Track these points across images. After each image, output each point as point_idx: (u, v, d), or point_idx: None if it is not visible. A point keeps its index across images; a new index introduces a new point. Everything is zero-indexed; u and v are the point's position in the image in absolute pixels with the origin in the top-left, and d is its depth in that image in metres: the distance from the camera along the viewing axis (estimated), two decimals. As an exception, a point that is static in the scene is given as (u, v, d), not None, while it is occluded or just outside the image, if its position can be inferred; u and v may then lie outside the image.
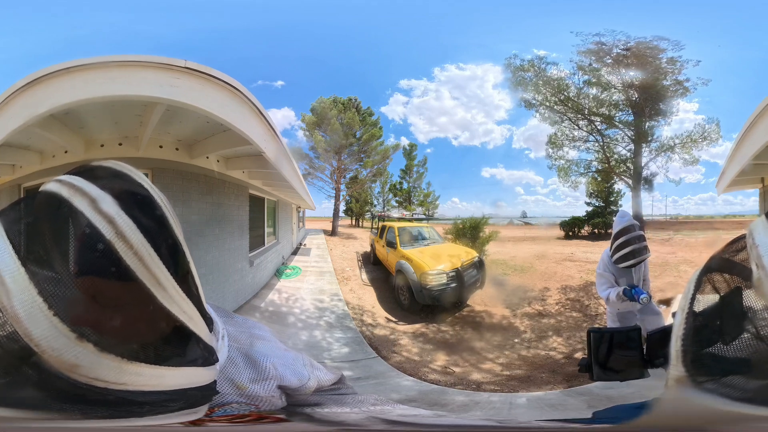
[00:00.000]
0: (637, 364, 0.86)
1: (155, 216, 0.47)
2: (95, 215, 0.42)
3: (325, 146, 10.17)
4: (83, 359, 0.40)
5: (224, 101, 3.53)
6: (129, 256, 0.42)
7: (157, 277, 0.43)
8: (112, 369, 0.42)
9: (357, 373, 4.18)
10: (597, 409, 0.88)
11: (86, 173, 0.47)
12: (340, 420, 0.66)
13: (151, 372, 0.45)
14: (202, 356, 0.52)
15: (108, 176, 0.47)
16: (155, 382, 0.45)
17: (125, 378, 0.42)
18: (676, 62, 8.40)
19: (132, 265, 0.42)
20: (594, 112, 9.51)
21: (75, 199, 0.43)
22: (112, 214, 0.42)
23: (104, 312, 0.42)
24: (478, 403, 3.65)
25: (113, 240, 0.41)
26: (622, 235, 2.70)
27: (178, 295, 0.46)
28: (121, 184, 0.47)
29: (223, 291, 5.07)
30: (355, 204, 12.58)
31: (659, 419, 0.60)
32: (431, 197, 12.22)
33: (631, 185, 9.89)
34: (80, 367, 0.40)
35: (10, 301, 0.39)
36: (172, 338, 0.47)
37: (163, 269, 0.44)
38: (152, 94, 3.11)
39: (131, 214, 0.43)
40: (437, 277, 5.95)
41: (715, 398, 0.49)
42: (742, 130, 4.86)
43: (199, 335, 0.51)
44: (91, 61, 3.05)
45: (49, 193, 0.44)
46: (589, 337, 0.89)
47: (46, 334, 0.39)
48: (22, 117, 3.06)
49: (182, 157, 4.57)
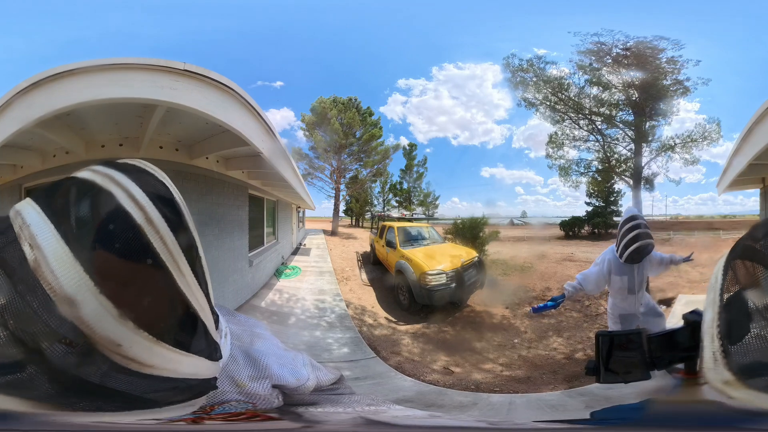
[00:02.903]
0: (640, 366, 0.88)
1: (176, 212, 0.50)
2: (129, 201, 0.45)
3: (325, 146, 10.18)
4: (124, 338, 0.42)
5: (223, 103, 3.55)
6: (157, 241, 0.45)
7: (179, 264, 0.46)
8: (144, 349, 0.44)
9: (356, 373, 4.19)
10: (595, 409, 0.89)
11: (116, 166, 0.49)
12: (328, 419, 0.67)
13: (171, 356, 0.47)
14: (208, 349, 0.53)
15: (134, 171, 0.50)
16: (173, 366, 0.47)
17: (154, 359, 0.45)
18: (676, 62, 8.39)
19: (159, 250, 0.45)
20: (594, 111, 9.51)
21: (110, 186, 0.46)
22: (143, 203, 0.45)
23: (135, 292, 0.44)
24: (477, 403, 3.65)
25: (144, 225, 0.44)
26: (629, 222, 2.76)
27: (194, 285, 0.49)
28: (147, 180, 0.49)
29: (222, 291, 5.08)
30: (355, 204, 12.59)
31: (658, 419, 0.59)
32: (431, 197, 12.23)
33: (631, 185, 9.88)
34: (122, 347, 0.42)
35: (57, 281, 0.40)
36: (187, 325, 0.50)
37: (183, 259, 0.47)
38: (152, 96, 3.13)
39: (157, 206, 0.46)
40: (437, 277, 5.94)
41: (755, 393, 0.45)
42: (744, 130, 4.84)
43: (208, 328, 0.53)
44: (92, 63, 3.06)
45: (84, 179, 0.47)
46: (597, 341, 0.90)
47: (96, 312, 0.40)
48: (25, 118, 3.08)
49: (182, 157, 4.58)
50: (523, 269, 8.03)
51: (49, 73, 3.04)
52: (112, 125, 3.97)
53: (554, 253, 8.85)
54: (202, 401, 0.55)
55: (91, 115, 3.62)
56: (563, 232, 10.63)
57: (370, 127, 10.51)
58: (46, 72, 3.05)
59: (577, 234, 10.57)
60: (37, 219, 0.43)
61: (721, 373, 0.47)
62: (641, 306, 2.99)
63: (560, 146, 10.00)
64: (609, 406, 0.75)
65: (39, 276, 0.40)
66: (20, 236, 0.43)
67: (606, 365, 0.88)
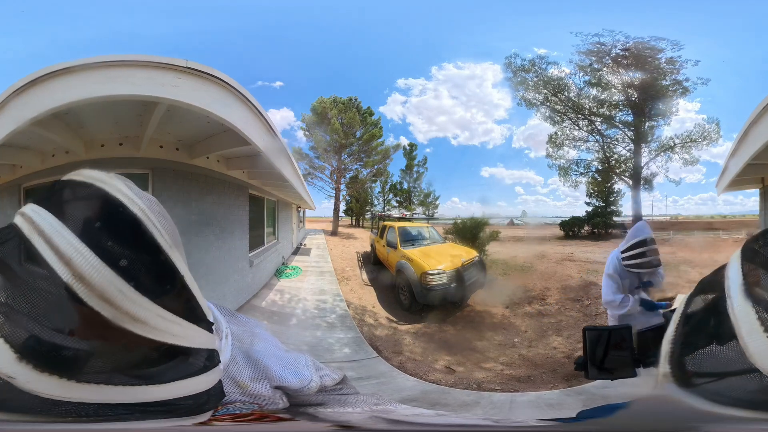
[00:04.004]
0: (628, 362, 0.86)
1: (132, 234, 0.45)
2: (51, 255, 0.40)
3: (325, 146, 10.17)
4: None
5: (225, 101, 3.54)
6: (93, 300, 0.40)
7: (132, 314, 0.41)
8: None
9: (359, 373, 4.19)
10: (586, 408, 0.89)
11: (49, 198, 0.46)
12: (344, 419, 0.66)
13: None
14: (199, 365, 0.51)
15: (72, 197, 0.46)
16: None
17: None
18: (675, 62, 8.40)
19: (99, 308, 0.40)
20: (594, 112, 9.52)
21: (33, 238, 0.42)
22: (68, 254, 0.40)
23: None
24: (479, 402, 3.65)
25: (73, 285, 0.39)
26: (639, 246, 2.76)
27: (165, 322, 0.44)
28: (86, 205, 0.45)
29: (222, 291, 5.07)
30: (355, 204, 12.58)
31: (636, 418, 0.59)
32: (431, 197, 12.22)
33: (631, 185, 9.89)
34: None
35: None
36: (161, 360, 0.47)
37: (142, 301, 0.42)
38: (154, 93, 3.11)
39: (95, 242, 0.41)
40: (437, 276, 5.94)
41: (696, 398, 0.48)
42: (743, 130, 4.85)
43: (194, 348, 0.50)
44: (92, 60, 3.04)
45: (11, 228, 0.44)
46: (584, 336, 0.88)
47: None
48: (23, 117, 3.05)
49: (182, 157, 4.57)
50: (523, 269, 8.03)
51: (46, 71, 3.01)
52: (112, 124, 3.95)
53: (554, 253, 8.85)
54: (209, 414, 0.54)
55: (90, 114, 3.60)
56: (563, 232, 10.64)
57: (370, 127, 10.51)
58: (44, 70, 3.02)
59: (577, 234, 10.58)
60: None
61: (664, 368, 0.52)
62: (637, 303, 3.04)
63: (560, 146, 10.01)
64: (596, 406, 0.75)
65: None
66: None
67: (593, 361, 0.86)
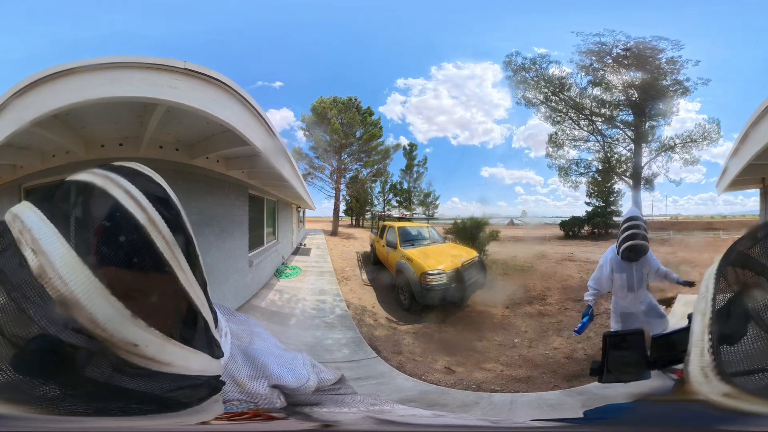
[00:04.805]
0: (641, 366, 0.87)
1: (173, 212, 0.51)
2: (131, 202, 0.45)
3: (325, 146, 10.17)
4: (140, 338, 0.42)
5: (223, 102, 3.54)
6: (159, 240, 0.46)
7: (180, 263, 0.48)
8: (158, 347, 0.44)
9: (358, 374, 4.19)
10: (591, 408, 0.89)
11: (113, 168, 0.50)
12: (338, 419, 0.66)
13: (182, 353, 0.47)
14: (211, 346, 0.54)
15: (131, 173, 0.50)
16: (185, 363, 0.47)
17: (168, 357, 0.45)
18: (675, 62, 8.40)
19: (162, 249, 0.46)
20: (595, 112, 9.51)
21: (110, 188, 0.46)
22: (144, 204, 0.46)
23: (143, 292, 0.45)
24: (479, 403, 3.65)
25: (147, 226, 0.45)
26: (628, 221, 2.94)
27: (194, 284, 0.50)
28: (144, 181, 0.50)
29: (222, 291, 5.07)
30: (355, 204, 12.58)
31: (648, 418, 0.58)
32: (431, 197, 12.22)
33: (631, 185, 9.89)
34: (138, 347, 0.42)
35: (66, 286, 0.39)
36: (190, 321, 0.51)
37: (183, 258, 0.48)
38: (153, 95, 3.11)
39: (156, 206, 0.48)
40: (437, 277, 5.94)
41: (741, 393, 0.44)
42: (743, 130, 4.84)
43: (209, 325, 0.54)
44: (92, 62, 3.04)
45: (84, 182, 0.47)
46: (604, 342, 0.90)
47: (108, 314, 0.40)
48: (24, 118, 3.05)
49: (182, 157, 4.57)
50: (523, 269, 8.03)
51: (46, 73, 3.01)
52: (112, 125, 3.95)
53: (554, 253, 8.84)
54: (218, 408, 0.54)
55: (90, 115, 3.60)
56: (563, 232, 10.63)
57: (370, 127, 10.51)
58: (46, 71, 3.02)
59: (577, 234, 10.57)
60: (39, 222, 0.42)
61: (717, 386, 0.46)
62: (641, 304, 3.10)
63: (560, 146, 10.01)
64: (602, 405, 0.75)
65: (44, 282, 0.39)
66: (20, 241, 0.41)
67: (612, 366, 0.88)
